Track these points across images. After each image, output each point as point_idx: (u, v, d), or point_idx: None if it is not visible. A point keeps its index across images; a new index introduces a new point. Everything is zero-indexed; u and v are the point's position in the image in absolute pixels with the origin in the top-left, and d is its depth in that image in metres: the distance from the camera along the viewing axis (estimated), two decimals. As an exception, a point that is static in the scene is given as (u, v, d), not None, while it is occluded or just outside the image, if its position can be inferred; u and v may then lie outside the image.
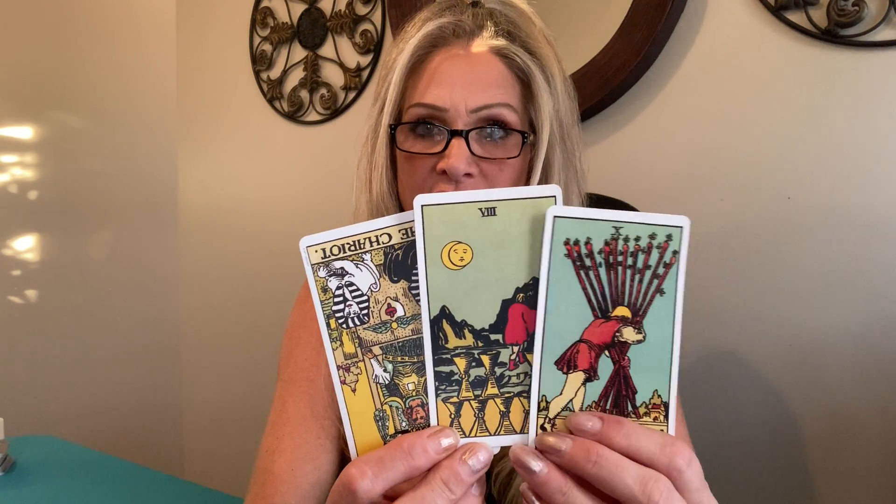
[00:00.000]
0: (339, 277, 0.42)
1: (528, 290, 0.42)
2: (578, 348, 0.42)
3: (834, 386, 1.03)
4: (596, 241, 0.41)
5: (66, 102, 1.99)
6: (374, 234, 0.42)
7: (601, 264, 0.42)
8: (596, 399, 0.42)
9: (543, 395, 0.42)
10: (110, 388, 2.04)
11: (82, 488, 1.15)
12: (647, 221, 0.41)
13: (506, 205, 0.42)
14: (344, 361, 0.42)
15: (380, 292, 0.42)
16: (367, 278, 0.42)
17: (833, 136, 1.03)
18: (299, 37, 1.78)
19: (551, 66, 0.69)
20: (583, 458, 0.39)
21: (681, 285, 0.42)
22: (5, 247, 1.89)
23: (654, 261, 0.42)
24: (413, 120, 0.69)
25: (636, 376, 0.42)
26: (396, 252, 0.42)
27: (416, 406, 0.42)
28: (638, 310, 0.42)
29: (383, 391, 0.42)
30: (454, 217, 0.42)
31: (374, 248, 0.42)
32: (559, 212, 0.41)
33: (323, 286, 0.43)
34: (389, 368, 0.42)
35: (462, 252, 0.42)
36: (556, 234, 0.41)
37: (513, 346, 0.42)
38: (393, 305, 0.42)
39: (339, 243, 0.43)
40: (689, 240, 0.41)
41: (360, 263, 0.42)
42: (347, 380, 0.42)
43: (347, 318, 0.43)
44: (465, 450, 0.40)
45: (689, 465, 0.39)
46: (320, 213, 1.75)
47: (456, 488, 0.39)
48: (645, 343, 0.42)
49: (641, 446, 0.39)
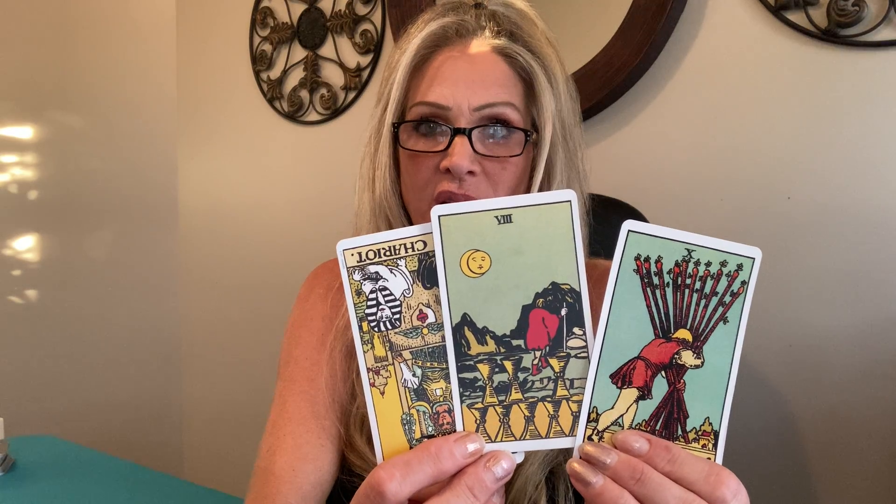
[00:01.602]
0: (373, 281, 0.43)
1: (548, 295, 0.42)
2: (635, 365, 0.42)
3: (834, 386, 1.03)
4: (667, 261, 0.42)
5: (66, 102, 1.99)
6: (410, 240, 0.43)
7: (668, 284, 0.42)
8: (647, 418, 0.42)
9: (594, 407, 0.42)
10: (110, 388, 2.04)
11: (82, 488, 1.15)
12: (720, 248, 0.42)
13: (521, 211, 0.42)
14: (374, 364, 0.43)
15: (412, 298, 0.43)
16: (400, 284, 0.43)
17: (833, 135, 1.03)
18: (299, 37, 1.78)
19: (553, 67, 0.70)
20: (627, 475, 0.39)
21: (745, 316, 0.42)
22: (5, 247, 1.89)
23: (721, 288, 0.42)
24: (416, 118, 0.69)
25: (690, 401, 0.42)
26: (431, 259, 0.43)
27: (443, 412, 0.43)
28: (700, 335, 0.42)
29: (411, 395, 0.43)
30: (471, 226, 0.42)
31: (409, 255, 0.43)
32: (634, 227, 0.42)
33: (357, 289, 0.43)
34: (419, 373, 0.43)
35: (480, 260, 0.43)
36: (627, 248, 0.42)
37: (535, 351, 0.43)
38: (424, 311, 0.43)
39: (376, 248, 0.43)
40: None
41: (394, 269, 0.43)
42: (377, 382, 0.43)
43: (380, 321, 0.43)
44: (490, 457, 0.41)
45: (734, 496, 0.39)
46: (320, 212, 1.75)
47: (480, 494, 0.39)
48: (702, 369, 0.42)
49: (686, 473, 0.39)
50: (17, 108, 1.91)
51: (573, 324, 0.43)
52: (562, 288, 0.42)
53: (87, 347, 2.01)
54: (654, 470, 0.39)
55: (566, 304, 0.42)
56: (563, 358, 0.43)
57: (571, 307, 0.42)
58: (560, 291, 0.42)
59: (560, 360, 0.43)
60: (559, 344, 0.43)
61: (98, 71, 2.03)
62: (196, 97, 2.10)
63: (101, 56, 2.04)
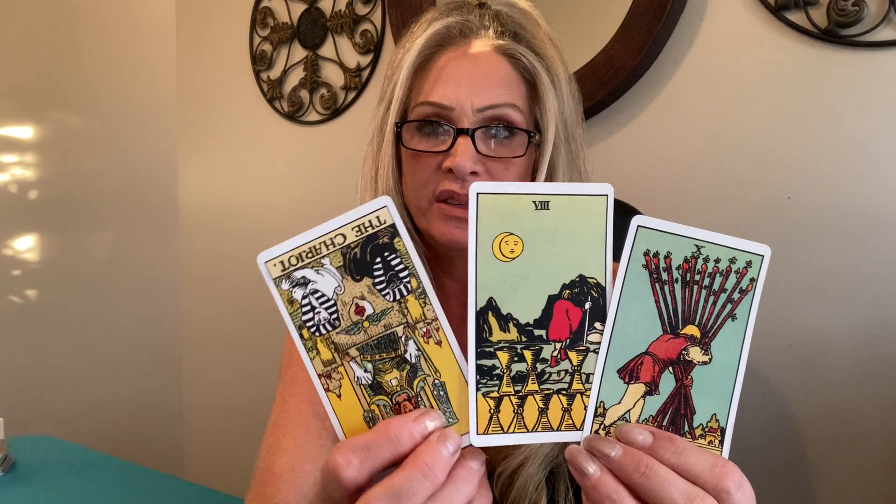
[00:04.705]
0: (302, 287, 0.42)
1: (574, 287, 0.42)
2: (643, 360, 0.42)
3: (834, 386, 1.03)
4: (676, 257, 0.42)
5: (66, 102, 1.99)
6: (329, 236, 0.42)
7: (677, 280, 0.42)
8: (654, 414, 0.42)
9: (602, 402, 0.42)
10: (110, 388, 2.04)
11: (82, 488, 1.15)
12: (729, 245, 0.42)
13: (559, 199, 0.42)
14: (324, 369, 0.42)
15: (345, 294, 0.42)
16: (330, 282, 0.42)
17: (833, 135, 1.03)
18: (299, 37, 1.78)
19: (557, 68, 0.70)
20: (632, 468, 0.39)
21: (753, 313, 0.42)
22: (5, 247, 1.89)
23: (730, 285, 0.42)
24: (419, 118, 0.69)
25: (697, 397, 0.42)
26: (353, 251, 0.42)
27: (403, 400, 0.42)
28: (708, 331, 0.42)
29: (368, 392, 0.42)
30: (508, 208, 0.42)
31: (331, 252, 0.42)
32: (644, 222, 0.42)
33: (289, 298, 0.42)
34: (369, 368, 0.42)
35: (513, 244, 0.42)
36: (637, 243, 0.42)
37: (555, 343, 0.42)
38: (361, 305, 0.42)
39: (296, 252, 0.42)
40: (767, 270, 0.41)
41: (319, 269, 0.42)
42: (331, 386, 0.42)
43: (319, 325, 0.42)
44: (439, 434, 0.39)
45: (738, 488, 0.39)
46: (320, 212, 1.74)
47: (440, 471, 0.38)
48: (710, 365, 0.42)
49: (691, 465, 0.39)
50: (17, 108, 1.91)
51: (595, 318, 0.42)
52: (588, 282, 0.42)
53: (88, 347, 2.01)
54: (659, 463, 0.39)
55: (591, 298, 0.42)
56: (582, 352, 0.42)
57: (595, 302, 0.42)
58: (587, 285, 0.42)
59: (579, 353, 0.42)
60: (580, 337, 0.42)
61: (98, 71, 2.03)
62: (196, 97, 2.10)
63: (101, 56, 2.03)
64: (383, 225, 0.42)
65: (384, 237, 0.42)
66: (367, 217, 0.42)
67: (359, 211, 0.42)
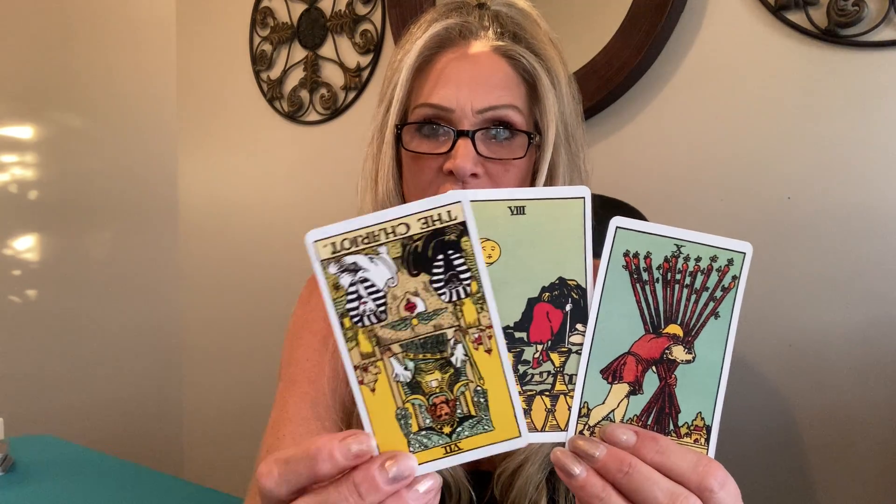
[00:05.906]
0: (351, 273, 0.39)
1: (554, 290, 0.42)
2: (626, 360, 0.42)
3: (834, 386, 1.03)
4: (656, 257, 0.42)
5: (66, 102, 1.99)
6: (391, 224, 0.39)
7: (658, 280, 0.42)
8: (638, 413, 0.42)
9: (585, 402, 0.42)
10: (110, 388, 2.04)
11: (82, 488, 1.15)
12: (709, 243, 0.42)
13: (535, 204, 0.42)
14: (361, 361, 0.40)
15: (398, 287, 0.40)
16: (383, 273, 0.40)
17: (833, 136, 1.03)
18: (299, 37, 1.78)
19: (556, 68, 0.70)
20: (615, 467, 0.39)
21: (736, 311, 0.42)
22: (5, 247, 1.89)
23: (712, 283, 0.42)
24: (419, 120, 0.69)
25: (681, 396, 0.42)
26: (416, 243, 0.39)
27: (441, 403, 0.41)
28: (690, 330, 0.42)
29: (405, 389, 0.40)
30: (484, 214, 0.41)
31: (390, 240, 0.39)
32: (622, 223, 0.42)
33: (335, 283, 0.39)
34: (410, 366, 0.40)
35: (490, 249, 0.42)
36: (616, 244, 0.42)
37: (536, 345, 0.42)
38: (413, 301, 0.40)
39: (351, 236, 0.39)
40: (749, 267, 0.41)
41: (374, 257, 0.39)
42: (365, 380, 0.40)
43: (363, 315, 0.40)
44: (389, 457, 0.37)
45: (721, 487, 0.39)
46: (320, 212, 1.75)
47: (368, 495, 0.36)
48: (694, 364, 0.42)
49: (674, 464, 0.39)
50: (17, 108, 1.91)
51: (577, 320, 0.42)
52: (568, 284, 0.42)
53: (88, 347, 2.01)
54: (642, 462, 0.39)
55: (571, 300, 0.42)
56: (564, 353, 0.42)
57: (576, 303, 0.42)
58: (566, 287, 0.42)
59: (561, 354, 0.43)
60: (561, 339, 0.42)
61: (98, 71, 2.03)
62: (196, 97, 2.10)
63: (101, 56, 2.04)
64: (453, 221, 0.40)
65: (451, 234, 0.40)
66: (437, 210, 0.39)
67: (429, 202, 0.39)
